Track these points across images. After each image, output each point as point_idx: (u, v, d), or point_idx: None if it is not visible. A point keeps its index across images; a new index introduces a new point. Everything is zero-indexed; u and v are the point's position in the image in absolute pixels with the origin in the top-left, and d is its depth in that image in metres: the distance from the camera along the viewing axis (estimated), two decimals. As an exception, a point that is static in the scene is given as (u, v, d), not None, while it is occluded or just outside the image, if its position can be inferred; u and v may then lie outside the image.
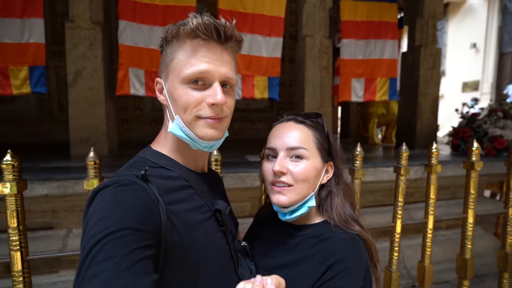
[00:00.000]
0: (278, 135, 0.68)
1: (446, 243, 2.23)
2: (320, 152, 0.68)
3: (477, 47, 8.50)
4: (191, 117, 0.56)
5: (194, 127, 0.57)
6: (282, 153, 0.66)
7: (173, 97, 0.57)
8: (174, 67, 0.56)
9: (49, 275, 1.61)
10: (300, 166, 0.65)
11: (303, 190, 0.65)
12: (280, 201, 0.65)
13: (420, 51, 2.82)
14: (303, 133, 0.67)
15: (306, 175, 0.65)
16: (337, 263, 0.60)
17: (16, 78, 1.97)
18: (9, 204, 0.86)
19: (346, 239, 0.64)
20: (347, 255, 0.61)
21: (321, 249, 0.63)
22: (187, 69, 0.54)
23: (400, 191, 1.25)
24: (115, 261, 0.42)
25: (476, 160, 1.34)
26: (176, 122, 0.58)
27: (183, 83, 0.55)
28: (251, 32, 2.31)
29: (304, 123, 0.69)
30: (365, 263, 0.62)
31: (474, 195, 1.36)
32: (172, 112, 0.58)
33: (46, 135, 3.58)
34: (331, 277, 0.59)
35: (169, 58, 0.57)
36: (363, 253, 0.64)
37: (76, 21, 2.08)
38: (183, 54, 0.55)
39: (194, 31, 0.54)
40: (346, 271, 0.59)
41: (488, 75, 8.32)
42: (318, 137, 0.69)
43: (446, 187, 2.28)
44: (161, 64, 0.61)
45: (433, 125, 2.93)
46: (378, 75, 2.71)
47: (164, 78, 0.60)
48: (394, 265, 1.28)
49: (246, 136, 4.10)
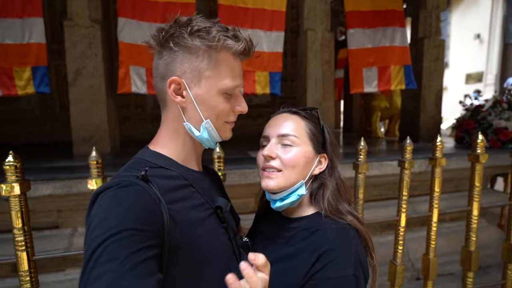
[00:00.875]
0: (272, 125, 0.71)
1: (450, 235, 2.23)
2: (312, 142, 0.69)
3: (481, 38, 8.37)
4: (221, 122, 0.62)
5: (222, 130, 0.63)
6: (274, 139, 0.68)
7: (207, 103, 0.60)
8: (212, 76, 0.58)
9: (56, 274, 1.63)
10: (290, 153, 0.67)
11: (292, 176, 0.66)
12: (269, 185, 0.66)
13: (423, 43, 2.77)
14: (295, 123, 0.69)
15: (296, 161, 0.66)
16: (326, 253, 0.60)
17: (20, 79, 1.98)
18: (13, 205, 0.87)
19: (336, 228, 0.64)
20: (337, 245, 0.61)
21: (312, 241, 0.64)
22: (229, 82, 0.59)
23: (405, 185, 1.24)
24: (118, 263, 0.42)
25: (481, 153, 1.33)
26: (205, 126, 0.61)
27: (220, 93, 0.60)
28: (252, 27, 2.28)
29: (298, 114, 0.71)
30: (356, 251, 0.62)
31: (479, 187, 1.35)
32: (201, 116, 0.60)
33: (48, 135, 3.60)
34: (320, 267, 0.60)
35: (205, 66, 0.58)
36: (354, 242, 0.63)
37: (74, 19, 2.07)
38: (226, 67, 0.59)
39: (243, 51, 0.60)
40: (335, 260, 0.60)
41: (492, 66, 8.20)
42: (312, 128, 0.70)
43: (450, 180, 2.27)
44: (180, 64, 0.58)
45: (437, 118, 2.90)
46: (391, 63, 2.54)
47: (191, 81, 0.58)
48: (399, 259, 1.28)
49: (248, 132, 4.08)
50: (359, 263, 0.61)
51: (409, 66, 2.62)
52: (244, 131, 4.34)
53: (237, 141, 3.18)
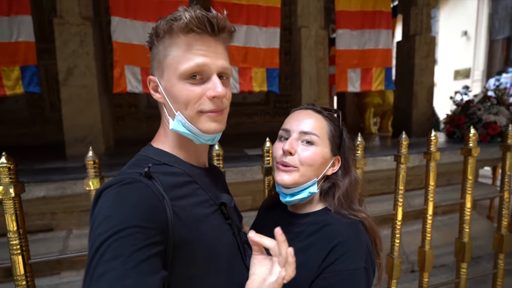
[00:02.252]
0: (295, 119, 0.71)
1: (443, 228, 2.28)
2: (330, 143, 0.71)
3: (468, 34, 8.55)
4: (193, 112, 0.56)
5: (197, 122, 0.57)
6: (295, 134, 0.69)
7: (172, 94, 0.56)
8: (170, 63, 0.55)
9: (50, 277, 1.60)
10: (309, 151, 0.67)
11: (307, 174, 0.68)
12: (284, 180, 0.68)
13: (415, 40, 2.81)
14: (318, 122, 0.70)
15: (314, 160, 0.67)
16: (338, 246, 0.62)
17: (9, 78, 1.92)
18: (7, 208, 0.84)
19: (346, 223, 0.66)
20: (348, 238, 0.63)
21: (322, 235, 0.65)
22: (184, 64, 0.54)
23: (401, 179, 1.27)
24: (121, 260, 0.42)
25: (473, 146, 1.36)
26: (178, 119, 0.57)
27: (181, 79, 0.55)
28: (247, 24, 2.27)
29: (321, 114, 0.72)
30: (366, 245, 0.64)
31: (472, 180, 1.39)
32: (172, 109, 0.57)
33: (39, 136, 3.51)
34: (332, 261, 0.61)
35: (163, 54, 0.56)
36: (364, 237, 0.65)
37: (64, 16, 2.02)
38: (177, 49, 0.55)
39: (187, 25, 0.53)
40: (346, 253, 0.61)
41: (479, 62, 8.40)
42: (332, 130, 0.71)
43: (442, 174, 2.32)
44: (153, 61, 0.59)
45: (429, 114, 2.96)
46: (373, 65, 2.71)
47: (159, 75, 0.58)
48: (396, 252, 1.30)
49: (243, 130, 4.08)
50: (369, 256, 0.63)
51: (390, 68, 2.79)
52: (239, 129, 4.34)
53: (232, 139, 3.16)
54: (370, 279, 0.62)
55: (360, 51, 2.65)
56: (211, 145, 0.70)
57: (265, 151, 1.15)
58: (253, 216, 0.89)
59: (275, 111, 4.38)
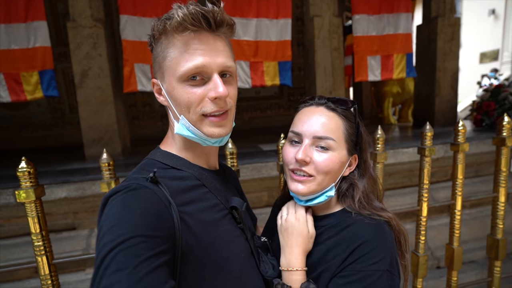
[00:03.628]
0: (306, 120, 0.63)
1: (471, 222, 2.15)
2: (347, 144, 0.63)
3: (496, 13, 7.95)
4: (196, 116, 0.54)
5: (200, 126, 0.54)
6: (308, 140, 0.61)
7: (174, 97, 0.54)
8: (168, 66, 0.53)
9: (76, 273, 1.67)
10: (325, 158, 0.60)
11: (324, 181, 0.62)
12: (299, 190, 0.62)
13: (437, 22, 2.64)
14: (333, 122, 0.62)
15: (331, 168, 0.61)
16: (361, 246, 0.58)
17: (28, 83, 2.00)
18: (29, 211, 0.86)
19: (369, 224, 0.61)
20: (371, 238, 0.59)
21: (344, 237, 0.61)
22: (182, 66, 0.51)
23: (426, 173, 1.19)
24: (127, 273, 0.40)
25: (507, 136, 1.25)
26: (181, 123, 0.55)
27: (180, 82, 0.52)
28: (257, 17, 2.21)
29: (336, 111, 0.63)
30: (391, 247, 0.59)
31: (506, 172, 1.28)
32: (176, 112, 0.55)
33: (60, 138, 3.66)
34: (354, 259, 0.57)
35: (161, 57, 0.53)
36: (389, 238, 0.60)
37: (77, 20, 2.05)
38: (174, 50, 0.52)
39: (181, 24, 0.49)
40: (369, 254, 0.57)
41: (509, 43, 7.80)
42: (348, 128, 0.63)
43: (470, 165, 2.18)
44: (154, 63, 0.57)
45: (453, 101, 2.78)
46: (394, 51, 2.56)
47: (160, 78, 0.56)
48: (421, 249, 1.23)
49: (258, 125, 4.05)
50: (394, 259, 0.58)
51: (411, 54, 2.63)
52: (253, 124, 4.32)
53: (246, 134, 3.13)
54: (395, 284, 0.57)
55: (379, 37, 2.51)
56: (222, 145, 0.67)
57: (280, 147, 1.11)
58: (269, 213, 0.86)
59: (290, 104, 4.30)
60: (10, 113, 3.56)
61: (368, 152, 0.68)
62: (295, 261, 0.61)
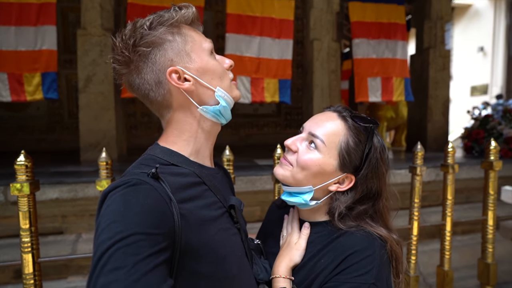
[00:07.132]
0: (314, 118, 0.67)
1: (463, 248, 2.15)
2: (340, 157, 0.61)
3: (485, 50, 8.40)
4: (228, 81, 0.61)
5: (231, 91, 0.61)
6: (304, 134, 0.65)
7: (208, 70, 0.58)
8: (194, 46, 0.58)
9: (58, 281, 1.60)
10: (308, 154, 0.62)
11: (298, 176, 0.63)
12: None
13: (429, 53, 2.79)
14: (334, 128, 0.62)
15: (308, 165, 0.61)
16: (349, 256, 0.58)
17: (30, 84, 2.02)
18: (21, 205, 0.86)
19: (362, 235, 0.61)
20: (360, 249, 0.58)
21: (335, 246, 0.61)
22: (207, 43, 0.60)
23: (417, 192, 1.21)
24: (125, 271, 0.40)
25: (495, 160, 1.30)
26: (218, 95, 0.59)
27: (209, 54, 0.59)
28: (260, 35, 2.32)
29: (345, 121, 0.62)
30: (380, 260, 0.58)
31: (494, 196, 1.31)
32: (210, 87, 0.58)
33: (56, 142, 3.64)
34: (341, 270, 0.57)
35: (182, 43, 0.58)
36: (378, 251, 0.59)
37: (87, 28, 2.13)
38: (193, 32, 0.60)
39: (196, 17, 0.60)
40: (356, 265, 0.57)
41: (497, 78, 8.19)
42: (350, 144, 0.61)
43: (460, 191, 2.21)
44: (165, 56, 0.56)
45: (445, 128, 2.88)
46: (393, 74, 2.66)
47: (184, 62, 0.57)
48: (412, 269, 1.23)
49: (254, 142, 4.08)
50: (382, 273, 0.57)
51: (408, 79, 2.73)
52: (250, 141, 4.35)
53: (242, 150, 3.16)
54: None
55: (378, 59, 2.62)
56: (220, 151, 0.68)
57: (276, 158, 1.13)
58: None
59: (286, 123, 4.37)
60: (8, 114, 3.56)
61: (379, 184, 0.64)
62: (277, 268, 0.63)
